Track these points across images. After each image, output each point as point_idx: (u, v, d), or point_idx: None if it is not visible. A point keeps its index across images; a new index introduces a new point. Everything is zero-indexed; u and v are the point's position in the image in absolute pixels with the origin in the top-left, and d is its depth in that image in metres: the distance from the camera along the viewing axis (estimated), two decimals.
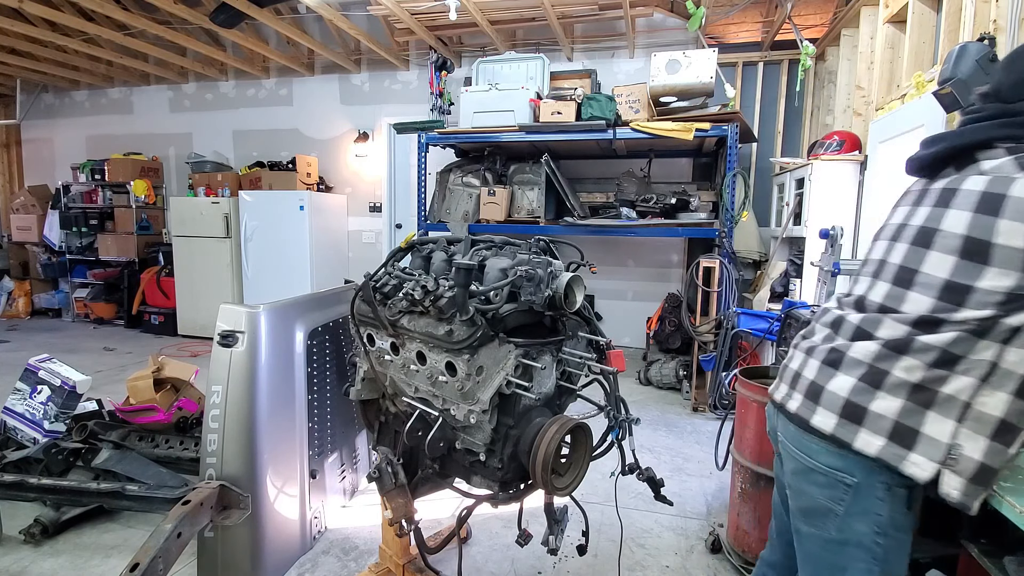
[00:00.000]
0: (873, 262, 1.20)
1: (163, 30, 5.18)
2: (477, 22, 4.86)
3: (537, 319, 1.49)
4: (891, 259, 1.14)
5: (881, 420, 1.05)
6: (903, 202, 1.26)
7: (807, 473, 1.16)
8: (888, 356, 1.06)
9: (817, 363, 1.18)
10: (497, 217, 4.72)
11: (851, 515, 1.10)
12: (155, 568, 1.50)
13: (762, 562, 1.52)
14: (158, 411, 2.90)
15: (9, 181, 8.18)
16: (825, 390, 1.13)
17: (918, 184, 1.25)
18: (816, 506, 1.16)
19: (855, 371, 1.10)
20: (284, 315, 2.15)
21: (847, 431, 1.08)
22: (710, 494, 2.78)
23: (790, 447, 1.21)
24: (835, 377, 1.13)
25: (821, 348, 1.19)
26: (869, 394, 1.07)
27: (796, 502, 1.22)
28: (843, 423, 1.09)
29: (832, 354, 1.15)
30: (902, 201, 1.27)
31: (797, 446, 1.18)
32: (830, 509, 1.13)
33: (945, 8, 2.77)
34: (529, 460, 1.35)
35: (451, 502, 2.51)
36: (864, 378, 1.08)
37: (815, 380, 1.16)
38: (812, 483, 1.15)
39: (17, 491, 2.16)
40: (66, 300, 7.27)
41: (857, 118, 3.89)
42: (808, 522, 1.19)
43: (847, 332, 1.16)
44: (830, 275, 2.50)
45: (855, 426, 1.08)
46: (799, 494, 1.20)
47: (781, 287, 4.12)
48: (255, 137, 6.83)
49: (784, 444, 1.23)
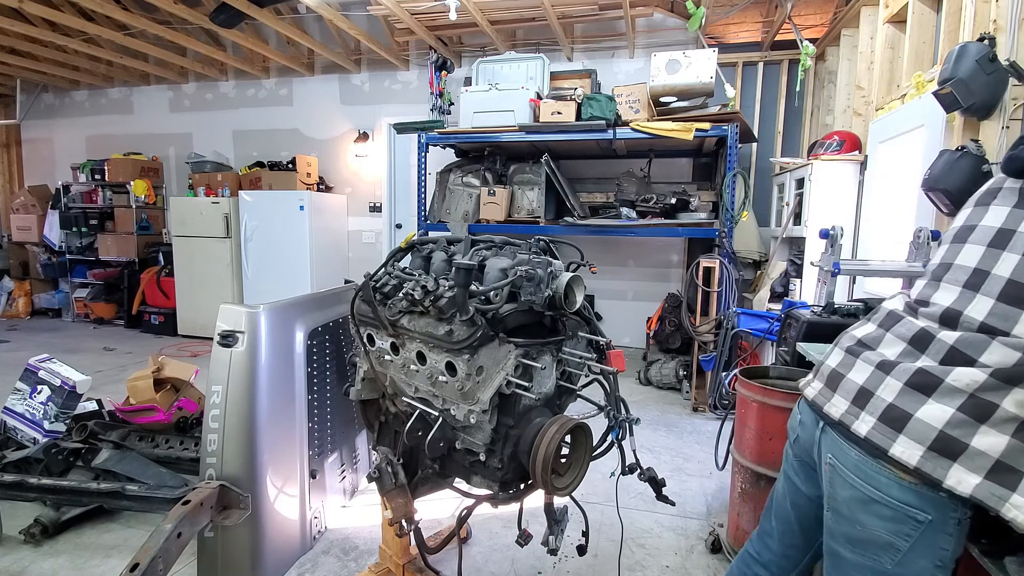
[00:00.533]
0: (963, 269, 1.06)
1: (163, 30, 5.18)
2: (477, 22, 4.86)
3: (537, 319, 1.49)
4: (996, 271, 1.00)
5: (982, 457, 0.94)
6: (996, 202, 1.09)
7: (868, 504, 1.05)
8: (997, 387, 0.94)
9: (898, 384, 1.04)
10: (497, 217, 4.72)
11: (915, 550, 1.02)
12: (155, 568, 1.50)
13: (753, 561, 1.46)
14: (158, 411, 2.90)
15: (9, 181, 8.18)
16: (913, 418, 1.00)
17: (1013, 182, 1.08)
18: (874, 538, 1.06)
19: (953, 400, 0.97)
20: (284, 315, 2.15)
21: (937, 466, 0.97)
22: (710, 494, 2.78)
23: (847, 473, 1.08)
24: (927, 405, 0.99)
25: (904, 367, 1.04)
26: (971, 428, 0.95)
27: (845, 528, 1.11)
28: (932, 456, 0.97)
29: (921, 376, 1.01)
30: (993, 201, 1.10)
31: (858, 474, 1.06)
32: (891, 543, 1.03)
33: (945, 8, 2.77)
34: (529, 460, 1.35)
35: (451, 502, 2.51)
36: (965, 409, 0.96)
37: (896, 404, 1.02)
38: (874, 515, 1.05)
39: (17, 491, 2.16)
40: (66, 300, 7.27)
41: (857, 118, 3.89)
42: (858, 552, 1.09)
43: (937, 352, 1.02)
44: (830, 275, 2.50)
45: (948, 461, 0.96)
46: (852, 523, 1.09)
47: (781, 287, 4.13)
48: (255, 137, 6.83)
49: (837, 467, 1.11)
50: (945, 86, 2.28)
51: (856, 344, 1.18)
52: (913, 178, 2.84)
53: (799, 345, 2.18)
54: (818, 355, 1.77)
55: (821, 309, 2.38)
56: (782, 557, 1.39)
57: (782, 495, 1.38)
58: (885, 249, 3.26)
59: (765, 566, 1.43)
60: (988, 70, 2.19)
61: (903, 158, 3.11)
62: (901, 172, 3.14)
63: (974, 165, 2.22)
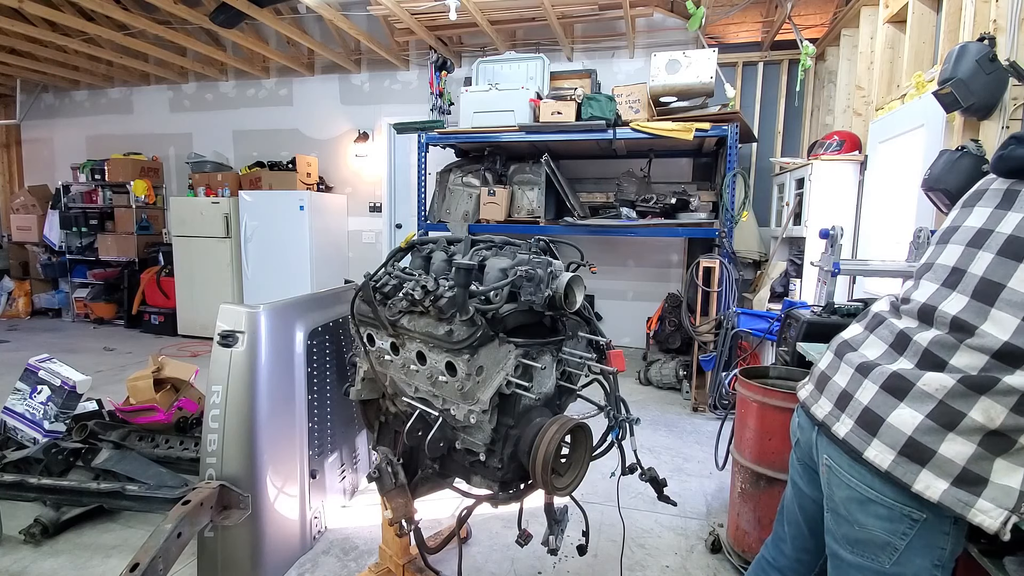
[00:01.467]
0: (943, 268, 1.08)
1: (163, 30, 5.18)
2: (477, 22, 4.86)
3: (537, 319, 1.49)
4: (971, 269, 1.02)
5: (949, 464, 0.96)
6: (981, 203, 1.10)
7: (865, 503, 1.06)
8: (965, 395, 0.96)
9: (875, 387, 1.05)
10: (497, 217, 4.72)
11: (912, 549, 1.02)
12: (155, 568, 1.50)
13: (769, 566, 1.46)
14: (158, 411, 2.90)
15: (9, 181, 8.18)
16: (885, 423, 1.02)
17: (1000, 183, 1.08)
18: (871, 538, 1.06)
19: (923, 406, 0.99)
20: (284, 315, 2.15)
21: (906, 471, 0.99)
22: (710, 494, 2.78)
23: (843, 473, 1.09)
24: (898, 409, 1.01)
25: (880, 370, 1.06)
26: (939, 435, 0.97)
27: (843, 529, 1.11)
28: (902, 461, 0.99)
29: (895, 380, 1.03)
30: (978, 202, 1.11)
31: (854, 474, 1.07)
32: (889, 543, 1.04)
33: (945, 8, 2.77)
34: (529, 460, 1.35)
35: (451, 502, 2.51)
36: (934, 416, 0.98)
37: (871, 407, 1.05)
38: (870, 514, 1.06)
39: (17, 491, 2.16)
40: (66, 300, 7.27)
41: (857, 118, 3.90)
42: (857, 552, 1.09)
43: (914, 354, 1.04)
44: (830, 275, 2.50)
45: (917, 466, 0.98)
46: (850, 523, 1.09)
47: (781, 287, 4.13)
48: (255, 137, 6.83)
49: (833, 468, 1.12)
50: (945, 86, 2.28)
51: (842, 345, 1.20)
52: (913, 178, 2.84)
53: (799, 345, 2.18)
54: (817, 355, 1.77)
55: (821, 309, 2.38)
56: (795, 561, 1.40)
57: (791, 500, 1.38)
58: (885, 249, 3.26)
59: (781, 571, 1.43)
60: (988, 70, 2.19)
61: (903, 158, 3.11)
62: (901, 172, 3.14)
63: (974, 165, 2.22)
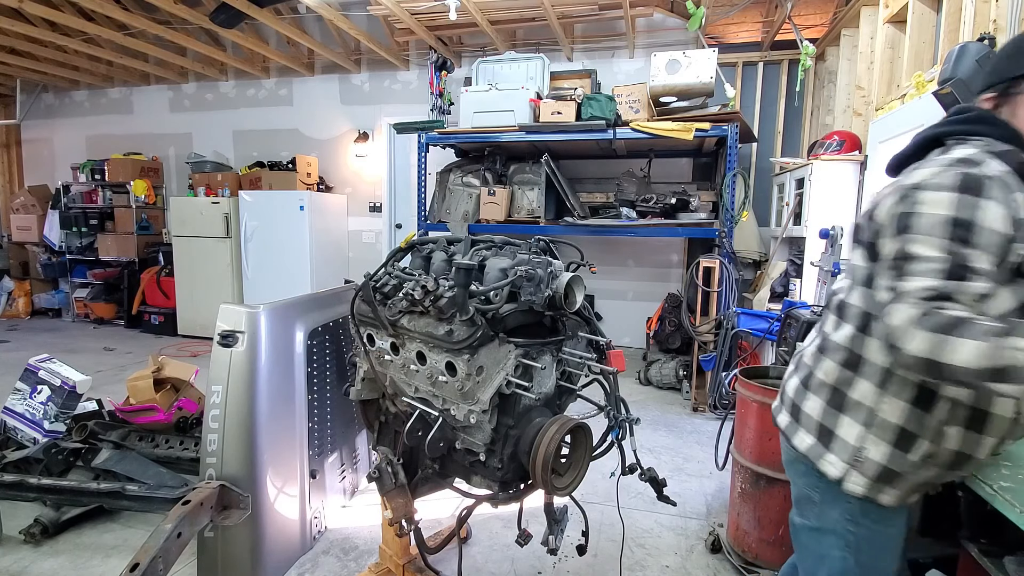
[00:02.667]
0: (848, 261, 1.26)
1: (163, 30, 5.18)
2: (477, 22, 4.86)
3: (537, 319, 1.49)
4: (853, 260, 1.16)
5: (808, 420, 1.14)
6: None
7: (792, 463, 1.22)
8: (816, 357, 1.16)
9: (792, 368, 1.26)
10: (497, 217, 4.72)
11: (826, 502, 1.14)
12: (155, 568, 1.50)
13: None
14: (158, 411, 2.90)
15: (9, 181, 8.18)
16: (783, 388, 1.26)
17: None
18: (800, 494, 1.21)
19: (801, 372, 1.20)
20: (284, 315, 2.15)
21: (794, 432, 1.18)
22: (710, 494, 2.78)
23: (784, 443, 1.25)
24: (792, 378, 1.24)
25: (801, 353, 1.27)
26: (802, 394, 1.17)
27: (792, 493, 1.26)
28: (791, 423, 1.19)
29: (797, 358, 1.25)
30: None
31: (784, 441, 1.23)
32: (809, 496, 1.17)
33: (945, 8, 2.77)
34: (529, 460, 1.35)
35: (451, 502, 2.51)
36: (802, 379, 1.19)
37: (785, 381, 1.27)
38: (795, 472, 1.22)
39: (17, 491, 2.16)
40: (66, 300, 7.27)
41: (857, 118, 3.89)
42: (798, 511, 1.23)
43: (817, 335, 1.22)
44: (830, 275, 2.51)
45: (796, 425, 1.18)
46: (792, 484, 1.25)
47: (781, 287, 4.12)
48: (255, 137, 6.83)
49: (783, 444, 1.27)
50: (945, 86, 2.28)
51: None
52: None
53: (799, 345, 2.18)
54: None
55: (821, 309, 2.38)
56: None
57: None
58: None
59: None
60: None
61: None
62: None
63: None
